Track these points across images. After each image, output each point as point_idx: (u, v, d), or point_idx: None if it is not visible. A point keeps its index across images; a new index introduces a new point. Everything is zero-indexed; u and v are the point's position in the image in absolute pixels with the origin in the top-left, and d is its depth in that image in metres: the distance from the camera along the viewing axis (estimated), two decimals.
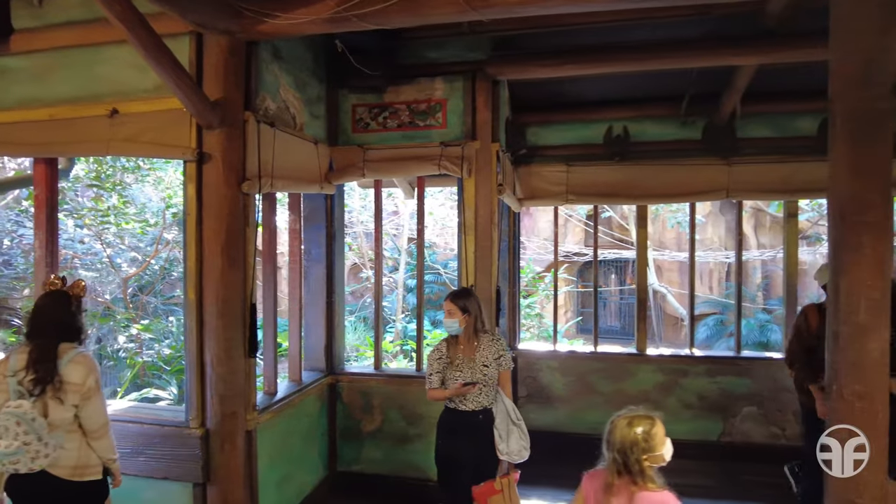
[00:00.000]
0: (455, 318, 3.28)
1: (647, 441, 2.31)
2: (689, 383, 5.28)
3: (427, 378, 3.33)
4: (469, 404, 3.29)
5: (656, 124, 5.25)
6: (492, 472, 3.34)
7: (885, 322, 2.45)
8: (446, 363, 3.31)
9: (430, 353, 3.37)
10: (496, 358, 3.36)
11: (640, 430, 2.33)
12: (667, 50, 4.02)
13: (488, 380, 3.30)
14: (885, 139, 2.43)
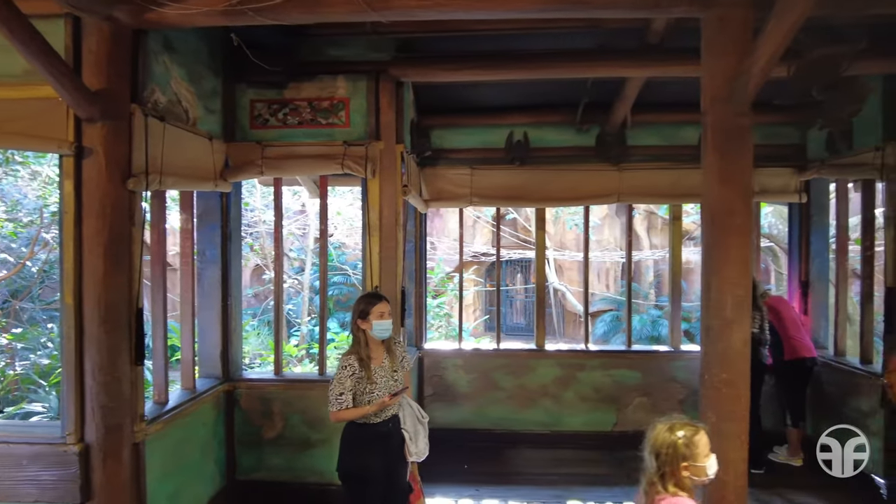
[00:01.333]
0: (390, 320, 3.11)
1: (688, 448, 2.14)
2: (585, 377, 5.57)
3: (335, 399, 3.00)
4: (380, 416, 3.15)
5: (554, 131, 5.49)
6: (402, 477, 3.31)
7: (748, 316, 2.72)
8: (359, 378, 3.04)
9: (338, 371, 3.04)
10: (401, 360, 3.30)
11: (680, 434, 2.17)
12: (561, 59, 4.21)
13: (400, 385, 3.22)
14: (746, 150, 2.70)
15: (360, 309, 3.11)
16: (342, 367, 3.05)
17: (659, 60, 4.05)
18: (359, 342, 3.09)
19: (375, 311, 3.07)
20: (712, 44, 2.78)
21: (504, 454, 5.38)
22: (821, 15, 2.81)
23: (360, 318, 3.09)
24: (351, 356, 3.07)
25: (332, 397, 3.01)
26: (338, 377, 3.03)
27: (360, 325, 3.10)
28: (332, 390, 3.02)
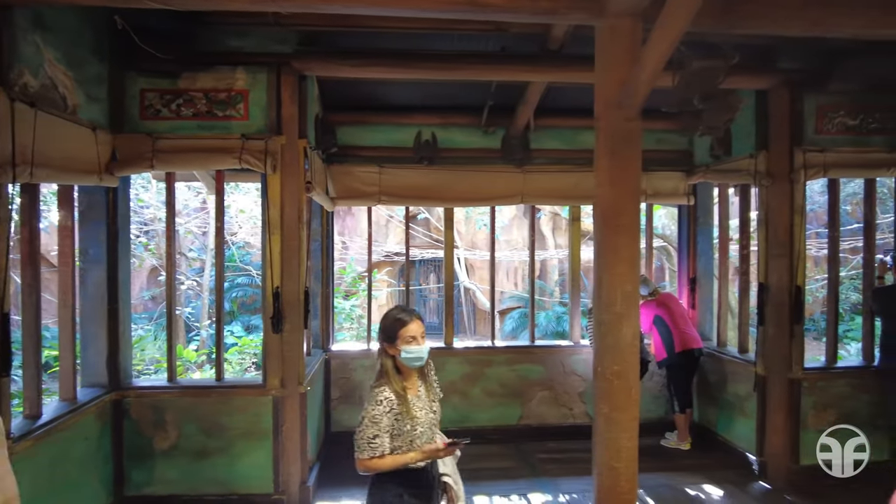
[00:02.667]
0: (424, 345, 2.50)
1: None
2: (492, 372, 5.69)
3: (366, 444, 2.35)
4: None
5: (461, 132, 5.57)
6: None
7: (636, 310, 2.88)
8: (398, 415, 2.40)
9: (370, 407, 2.39)
10: (437, 387, 2.72)
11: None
12: (466, 61, 4.27)
13: (438, 417, 2.64)
14: (635, 154, 2.86)
15: (385, 331, 2.50)
16: (376, 401, 2.39)
17: (558, 66, 4.21)
18: (387, 372, 2.46)
19: (405, 335, 2.45)
20: (605, 52, 2.92)
21: None
22: (699, 31, 3.04)
23: (387, 342, 2.48)
24: (384, 388, 2.42)
25: (361, 441, 2.36)
26: (370, 415, 2.37)
27: (387, 350, 2.49)
28: (363, 432, 2.36)
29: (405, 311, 2.55)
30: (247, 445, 4.15)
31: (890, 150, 4.65)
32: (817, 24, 3.26)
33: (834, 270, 5.02)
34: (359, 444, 2.37)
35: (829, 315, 5.03)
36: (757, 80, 4.60)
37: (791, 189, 4.55)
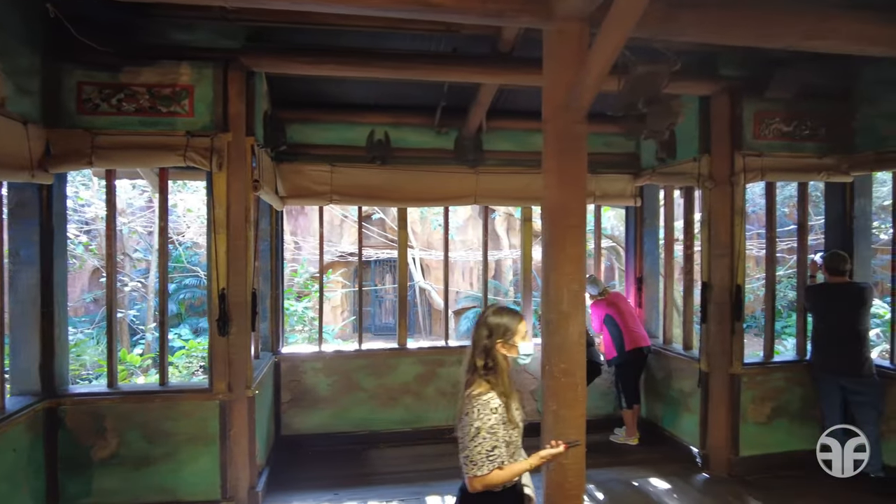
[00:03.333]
0: (531, 341, 2.36)
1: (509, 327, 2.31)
2: (445, 372, 5.70)
3: (485, 457, 2.16)
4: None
5: (414, 132, 5.56)
6: None
7: (583, 309, 2.94)
8: (505, 422, 2.24)
9: (482, 416, 2.17)
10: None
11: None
12: (418, 61, 4.26)
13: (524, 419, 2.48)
14: (581, 156, 2.91)
15: (503, 327, 2.30)
16: (490, 409, 2.18)
17: (509, 69, 4.25)
18: (500, 373, 2.28)
19: (521, 331, 2.32)
20: (552, 55, 2.97)
21: (366, 455, 5.34)
22: (644, 37, 3.13)
23: (504, 339, 2.30)
24: (492, 394, 2.23)
25: (478, 456, 2.15)
26: (487, 426, 2.15)
27: (500, 349, 2.29)
28: (481, 446, 2.15)
29: (513, 308, 2.41)
30: (193, 451, 4.03)
31: (820, 155, 4.90)
32: (755, 35, 3.41)
33: (771, 270, 5.26)
34: (474, 460, 2.15)
35: (767, 312, 5.26)
36: (700, 87, 4.77)
37: (732, 191, 4.74)
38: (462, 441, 2.20)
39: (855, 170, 4.91)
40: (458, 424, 2.26)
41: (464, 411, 2.21)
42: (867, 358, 4.65)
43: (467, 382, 2.29)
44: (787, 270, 11.53)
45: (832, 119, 4.97)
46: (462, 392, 2.29)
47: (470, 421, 2.17)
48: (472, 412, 2.18)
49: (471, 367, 2.30)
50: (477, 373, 2.28)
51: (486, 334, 2.30)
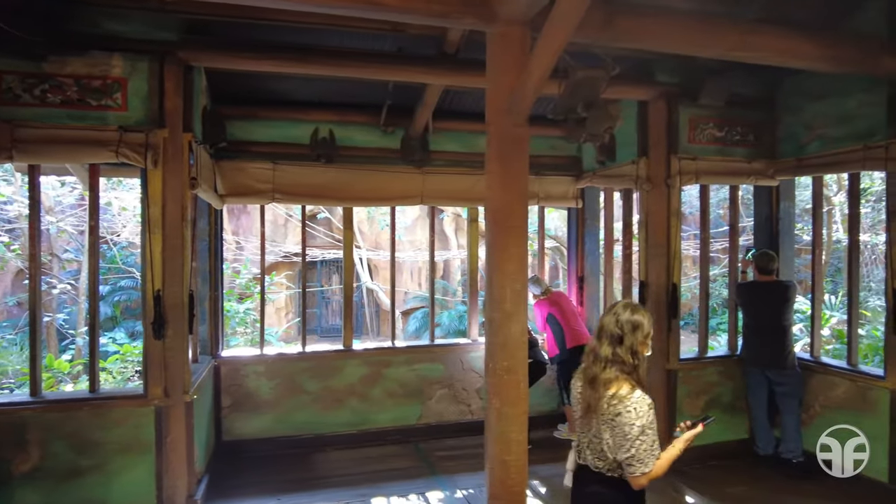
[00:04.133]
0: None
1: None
2: (391, 373, 5.67)
3: (650, 454, 2.17)
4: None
5: (360, 130, 5.51)
6: None
7: (525, 308, 2.99)
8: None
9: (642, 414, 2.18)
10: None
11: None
12: (363, 60, 4.22)
13: None
14: (523, 158, 2.96)
15: (642, 326, 2.32)
16: (647, 406, 2.21)
17: (454, 70, 4.28)
18: (641, 370, 2.30)
19: (651, 328, 2.37)
20: (495, 58, 3.01)
21: (310, 459, 5.25)
22: (584, 42, 3.21)
23: (646, 338, 2.33)
24: (640, 390, 2.25)
25: (644, 453, 2.16)
26: (648, 423, 2.17)
27: (642, 348, 2.33)
28: (644, 443, 2.15)
29: (639, 305, 2.42)
30: (126, 461, 3.85)
31: (749, 160, 5.17)
32: (687, 44, 3.57)
33: (705, 269, 5.50)
34: (641, 458, 2.14)
35: (701, 310, 5.50)
36: (638, 92, 4.94)
37: (668, 193, 4.92)
38: (615, 440, 2.19)
39: (779, 175, 5.21)
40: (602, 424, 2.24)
41: (613, 411, 2.19)
42: (790, 351, 4.94)
43: (605, 381, 2.25)
44: (722, 269, 12.08)
45: (760, 126, 5.25)
46: (598, 390, 2.26)
47: (630, 420, 2.15)
48: (631, 412, 2.16)
49: (609, 366, 2.27)
50: (617, 370, 2.25)
51: (626, 332, 2.29)
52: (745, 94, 5.14)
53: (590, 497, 2.34)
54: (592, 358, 2.33)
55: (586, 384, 2.33)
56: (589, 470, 2.33)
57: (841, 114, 4.71)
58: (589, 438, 2.32)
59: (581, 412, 2.34)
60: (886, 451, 4.34)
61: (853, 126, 4.60)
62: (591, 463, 2.32)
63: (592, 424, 2.28)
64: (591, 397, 2.27)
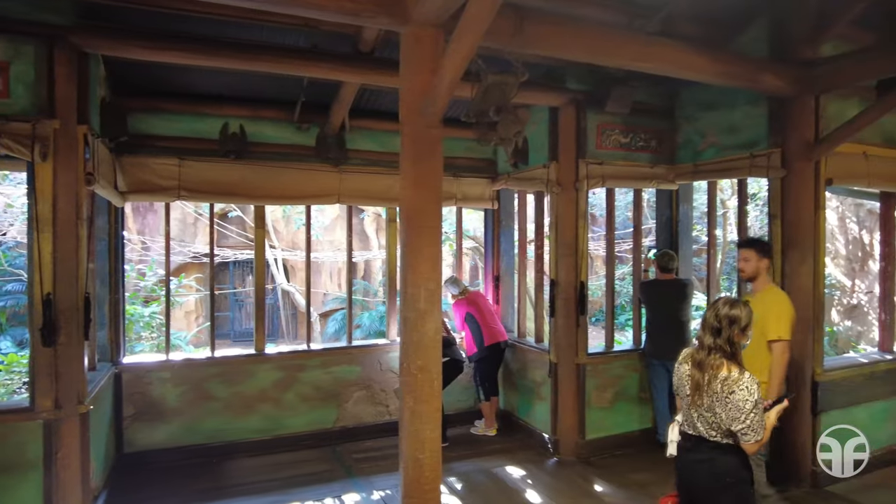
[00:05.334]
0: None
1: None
2: (306, 377, 5.55)
3: (760, 425, 2.57)
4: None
5: (273, 126, 5.35)
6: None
7: (439, 307, 3.03)
8: None
9: (755, 392, 2.55)
10: None
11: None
12: (275, 55, 4.11)
13: None
14: (437, 159, 3.00)
15: (743, 321, 2.67)
16: (756, 386, 2.58)
17: (369, 69, 4.26)
18: (738, 355, 2.67)
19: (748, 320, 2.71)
20: (409, 59, 3.03)
21: (221, 467, 5.04)
22: (496, 47, 3.30)
23: (743, 330, 2.68)
24: (748, 373, 2.63)
25: (756, 425, 2.56)
26: (756, 399, 2.55)
27: (738, 338, 2.68)
28: (756, 417, 2.55)
29: (738, 300, 2.75)
30: (6, 483, 3.52)
31: (652, 165, 5.50)
32: (592, 53, 3.75)
33: (610, 268, 5.80)
34: (755, 427, 2.54)
35: (607, 306, 5.79)
36: (549, 98, 5.12)
37: (577, 196, 5.14)
38: (728, 413, 2.56)
39: (678, 179, 5.58)
40: (715, 403, 2.60)
41: (727, 390, 2.56)
42: (688, 344, 5.30)
43: (713, 366, 2.62)
44: (630, 268, 12.74)
45: (661, 133, 5.60)
46: (708, 373, 2.63)
47: (744, 398, 2.53)
48: (744, 391, 2.54)
49: (713, 352, 2.64)
50: (721, 356, 2.62)
51: (728, 324, 2.64)
52: (648, 103, 5.46)
53: (705, 462, 2.71)
54: (698, 346, 2.72)
55: (694, 367, 2.69)
56: (702, 439, 2.69)
57: (730, 124, 5.11)
58: (700, 413, 2.67)
59: (690, 391, 2.69)
60: None
61: (741, 136, 5.01)
62: (706, 433, 2.67)
63: (704, 401, 2.64)
64: (700, 378, 2.65)
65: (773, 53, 4.63)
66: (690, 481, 2.80)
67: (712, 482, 2.68)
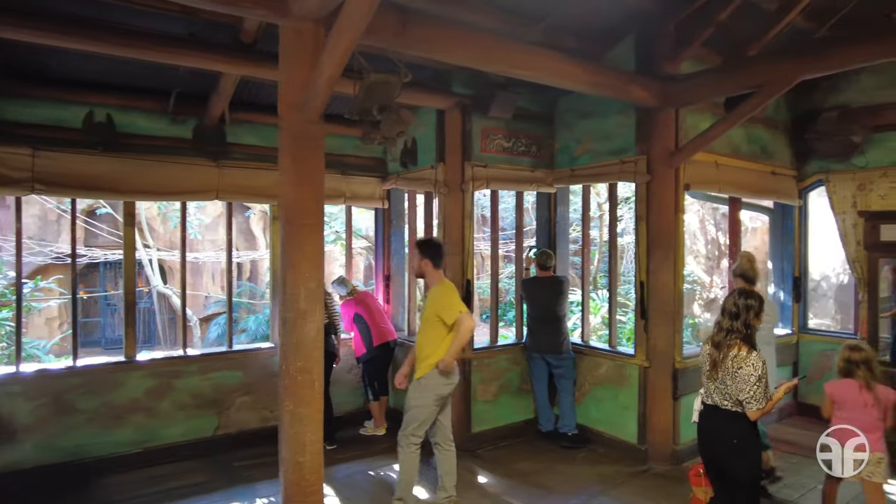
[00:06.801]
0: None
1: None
2: (182, 384, 5.22)
3: (763, 396, 3.03)
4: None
5: (145, 117, 4.99)
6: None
7: (320, 307, 2.98)
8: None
9: (762, 368, 3.03)
10: None
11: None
12: (148, 41, 3.83)
13: None
14: (318, 155, 2.96)
15: (756, 308, 3.15)
16: (763, 363, 3.06)
17: (250, 61, 4.10)
18: (752, 337, 3.14)
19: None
20: (288, 52, 2.96)
21: (88, 487, 4.59)
22: (379, 47, 3.31)
23: (757, 315, 3.16)
24: (756, 352, 3.10)
25: (760, 395, 3.02)
26: (764, 373, 3.03)
27: (754, 321, 3.15)
28: (760, 388, 3.01)
29: (753, 292, 3.25)
30: None
31: (532, 169, 5.78)
32: (474, 58, 3.87)
33: (495, 267, 6.00)
34: (757, 397, 3.00)
35: (492, 303, 6.00)
36: (436, 100, 5.22)
37: (463, 197, 5.29)
38: (737, 386, 3.04)
39: (557, 183, 5.91)
40: (726, 376, 3.08)
41: (736, 366, 3.04)
42: (566, 338, 5.63)
43: (727, 345, 3.10)
44: None
45: (541, 139, 5.90)
46: (724, 352, 3.11)
47: (751, 372, 3.00)
48: (750, 367, 3.01)
49: (732, 335, 3.11)
50: (738, 339, 3.09)
51: (745, 310, 3.11)
52: (529, 110, 5.73)
53: (717, 426, 3.20)
54: (717, 329, 3.19)
55: (713, 347, 3.17)
56: (717, 408, 3.17)
57: (603, 132, 5.50)
58: (716, 385, 3.15)
59: (709, 367, 3.17)
60: (636, 418, 5.18)
61: (612, 143, 5.40)
62: (719, 402, 3.15)
63: (719, 375, 3.11)
64: (717, 356, 3.13)
65: (640, 68, 5.04)
66: (708, 443, 3.30)
67: (724, 443, 3.15)
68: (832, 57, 3.99)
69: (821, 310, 10.51)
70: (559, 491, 4.64)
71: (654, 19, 4.93)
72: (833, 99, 6.04)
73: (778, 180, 6.07)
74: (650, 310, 5.06)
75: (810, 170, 6.29)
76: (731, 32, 4.92)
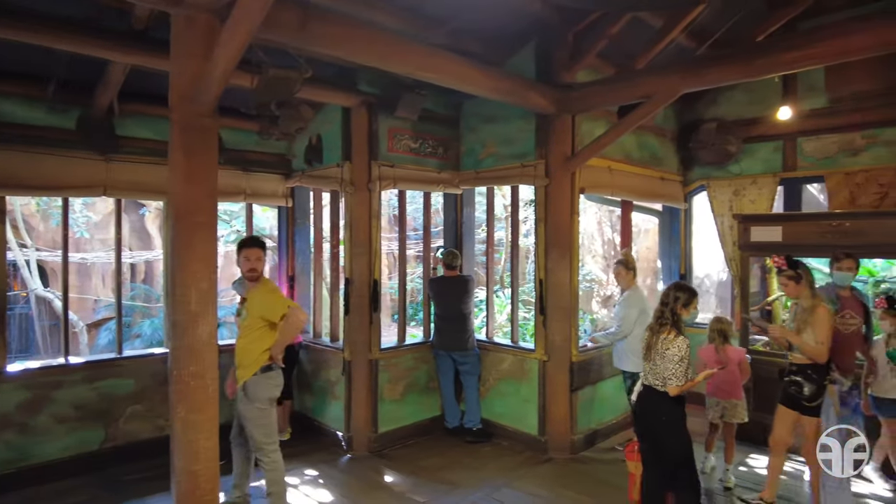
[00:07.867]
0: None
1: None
2: (63, 395, 4.81)
3: (683, 375, 3.43)
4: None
5: (20, 105, 4.54)
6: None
7: (213, 309, 2.87)
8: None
9: (685, 350, 3.43)
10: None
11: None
12: (20, 21, 3.51)
13: None
14: (211, 150, 2.85)
15: (683, 299, 3.55)
16: (686, 346, 3.45)
17: (141, 49, 3.86)
18: (681, 326, 3.55)
19: (690, 300, 3.57)
20: (180, 42, 2.83)
21: None
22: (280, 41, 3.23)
23: (685, 307, 3.55)
24: (682, 336, 3.50)
25: (679, 373, 3.41)
26: (684, 354, 3.42)
27: (682, 311, 3.54)
28: (680, 368, 3.41)
29: (686, 284, 3.74)
30: None
31: (439, 170, 5.86)
32: (378, 57, 3.87)
33: (402, 266, 6.04)
34: (677, 375, 3.41)
35: (400, 302, 6.02)
36: (342, 98, 5.17)
37: (369, 197, 5.27)
38: (664, 365, 3.46)
39: (462, 184, 6.03)
40: (657, 356, 3.51)
41: (665, 347, 3.46)
42: (471, 335, 5.77)
43: (659, 330, 3.54)
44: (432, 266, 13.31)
45: (448, 141, 5.99)
46: (656, 336, 3.55)
47: (675, 353, 3.42)
48: (675, 349, 3.43)
49: (662, 321, 3.55)
50: (668, 324, 3.52)
51: (673, 300, 3.54)
52: (436, 112, 5.80)
53: (651, 404, 3.59)
54: (654, 316, 3.62)
55: (649, 331, 3.64)
56: (651, 388, 3.57)
57: (506, 136, 5.68)
58: (650, 366, 3.56)
59: (644, 350, 3.62)
60: (537, 410, 5.40)
61: (514, 147, 5.59)
62: (651, 382, 3.56)
63: (652, 356, 3.54)
64: (651, 340, 3.58)
65: (539, 75, 5.26)
66: (643, 421, 3.70)
67: (657, 420, 3.56)
68: (710, 73, 4.35)
69: (704, 305, 11.42)
70: (464, 485, 4.74)
71: (554, 28, 5.15)
72: (712, 111, 6.60)
73: (666, 185, 6.55)
74: (548, 306, 5.29)
75: (694, 176, 6.84)
76: (622, 46, 5.24)
